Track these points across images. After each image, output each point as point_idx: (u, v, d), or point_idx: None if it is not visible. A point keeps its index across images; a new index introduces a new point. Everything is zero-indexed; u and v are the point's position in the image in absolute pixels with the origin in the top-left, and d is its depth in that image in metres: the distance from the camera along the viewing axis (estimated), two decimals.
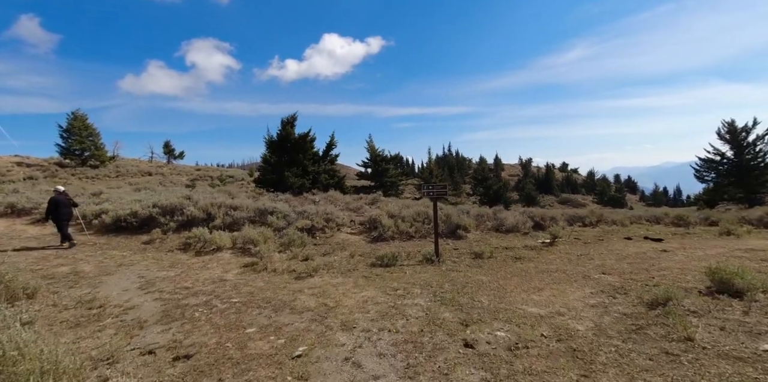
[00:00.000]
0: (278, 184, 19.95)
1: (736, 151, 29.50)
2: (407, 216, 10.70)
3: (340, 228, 10.36)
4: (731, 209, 26.80)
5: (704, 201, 34.75)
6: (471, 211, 13.13)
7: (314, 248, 8.40)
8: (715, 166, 30.76)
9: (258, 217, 9.87)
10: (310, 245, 8.75)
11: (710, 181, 32.03)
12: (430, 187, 7.35)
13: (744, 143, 29.05)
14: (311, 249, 8.21)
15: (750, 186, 28.46)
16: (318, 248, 8.49)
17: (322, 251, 8.06)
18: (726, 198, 32.05)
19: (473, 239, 10.25)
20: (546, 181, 57.65)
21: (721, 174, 30.44)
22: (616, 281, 5.88)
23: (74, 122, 28.12)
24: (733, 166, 29.87)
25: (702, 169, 31.53)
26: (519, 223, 11.66)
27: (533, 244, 9.44)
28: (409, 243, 9.52)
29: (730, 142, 29.68)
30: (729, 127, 29.72)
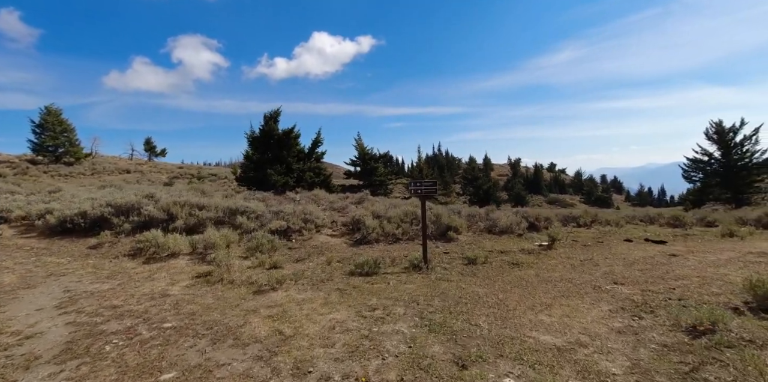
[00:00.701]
0: (261, 182, 18.77)
1: (723, 152, 29.18)
2: (394, 216, 9.68)
3: (319, 230, 9.29)
4: (718, 209, 26.46)
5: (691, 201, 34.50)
6: (462, 211, 12.17)
7: (288, 253, 7.33)
8: (702, 166, 30.43)
9: (228, 217, 8.75)
10: (284, 249, 7.67)
11: (697, 182, 31.71)
12: (417, 184, 6.34)
13: (731, 144, 28.75)
14: (283, 254, 7.13)
15: (737, 186, 28.14)
16: (292, 252, 7.42)
17: (296, 257, 6.98)
18: (712, 198, 31.81)
19: (465, 241, 9.28)
20: (535, 182, 57.25)
21: (708, 174, 30.13)
22: (634, 293, 4.95)
23: (47, 117, 26.42)
24: (720, 167, 29.58)
25: (690, 170, 31.20)
26: (513, 224, 10.73)
27: (530, 247, 8.51)
28: (395, 246, 8.50)
29: (717, 143, 29.35)
30: (717, 128, 29.39)
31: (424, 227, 6.43)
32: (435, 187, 6.34)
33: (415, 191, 6.35)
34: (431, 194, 6.37)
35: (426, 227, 6.54)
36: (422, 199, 6.41)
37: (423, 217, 6.44)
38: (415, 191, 6.35)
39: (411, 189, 6.37)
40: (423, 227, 6.42)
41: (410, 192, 6.37)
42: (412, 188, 6.36)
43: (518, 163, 64.42)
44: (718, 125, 29.37)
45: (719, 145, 29.35)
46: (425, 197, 6.51)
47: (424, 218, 6.46)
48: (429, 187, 6.33)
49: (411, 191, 6.37)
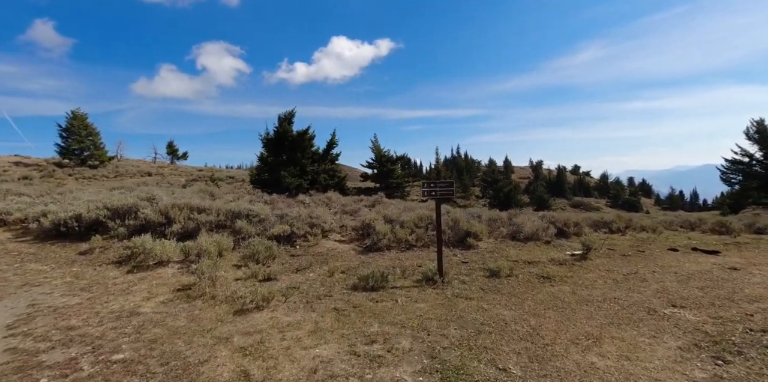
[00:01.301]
0: (274, 184, 18.25)
1: (765, 153, 26.91)
2: (407, 221, 8.81)
3: (327, 235, 8.51)
4: (760, 214, 24.27)
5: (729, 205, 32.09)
6: (482, 215, 11.17)
7: (288, 261, 6.56)
8: (742, 168, 28.16)
9: (230, 221, 8.09)
10: (284, 257, 6.92)
11: (737, 184, 29.37)
12: (431, 185, 5.46)
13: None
14: (283, 263, 6.37)
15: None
16: (293, 260, 6.65)
17: (296, 266, 6.20)
18: (752, 202, 29.42)
19: (486, 249, 8.31)
20: (558, 184, 55.04)
21: (749, 176, 27.82)
22: (703, 321, 3.91)
23: (74, 122, 26.90)
24: (762, 169, 27.27)
25: (728, 172, 28.94)
26: (539, 229, 9.65)
27: (561, 257, 7.46)
28: (408, 254, 7.62)
29: (759, 143, 27.09)
30: (758, 127, 27.14)
31: (439, 233, 5.53)
32: (452, 189, 5.45)
33: (429, 193, 5.47)
34: (448, 196, 5.48)
35: (441, 233, 5.65)
36: (438, 202, 5.52)
37: (438, 222, 5.55)
38: (429, 193, 5.47)
39: (425, 191, 5.49)
40: (438, 233, 5.53)
41: (424, 194, 5.50)
42: (426, 190, 5.48)
43: (540, 165, 62.23)
44: (759, 124, 27.11)
45: (761, 146, 27.09)
46: (441, 199, 5.63)
47: (439, 224, 5.56)
48: (445, 189, 5.44)
49: (425, 194, 5.50)
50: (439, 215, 5.53)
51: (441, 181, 5.43)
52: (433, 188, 5.44)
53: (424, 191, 5.48)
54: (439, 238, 5.49)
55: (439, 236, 5.51)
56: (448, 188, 5.44)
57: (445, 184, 5.45)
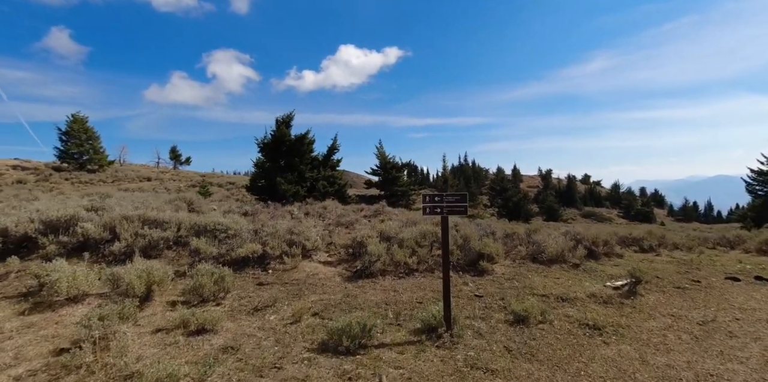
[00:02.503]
0: (271, 191, 16.80)
1: None
2: (408, 238, 7.18)
3: (310, 254, 6.92)
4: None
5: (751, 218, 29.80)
6: (496, 230, 9.47)
7: (250, 295, 4.98)
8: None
9: (193, 237, 6.56)
10: (249, 286, 5.34)
11: (763, 196, 27.15)
12: (436, 199, 3.86)
13: None
14: (241, 298, 4.79)
15: None
16: (256, 293, 5.06)
17: (255, 303, 4.61)
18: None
19: (503, 274, 6.63)
20: (568, 194, 52.83)
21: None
22: None
23: (73, 125, 25.94)
24: None
25: (755, 183, 26.75)
26: (564, 250, 7.95)
27: (601, 290, 5.75)
28: (406, 282, 5.99)
29: None
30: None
31: (446, 265, 3.89)
32: (464, 204, 3.84)
33: (432, 210, 3.86)
34: (458, 212, 3.87)
35: (448, 263, 4.01)
36: (444, 220, 3.91)
37: (445, 250, 3.92)
38: (432, 210, 3.86)
39: (427, 206, 3.88)
40: (445, 265, 3.89)
41: (425, 211, 3.89)
42: (428, 205, 3.88)
43: (549, 174, 60.03)
44: None
45: None
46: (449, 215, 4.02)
47: (446, 253, 3.92)
48: (455, 204, 3.83)
49: (426, 210, 3.89)
50: (447, 240, 3.90)
51: (449, 194, 3.82)
52: (437, 203, 3.83)
53: (426, 206, 3.87)
54: (446, 273, 3.84)
55: (446, 269, 3.87)
56: (459, 203, 3.83)
57: (455, 197, 3.84)
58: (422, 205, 3.86)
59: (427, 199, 3.86)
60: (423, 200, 3.85)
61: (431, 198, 3.86)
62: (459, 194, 3.83)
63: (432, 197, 3.86)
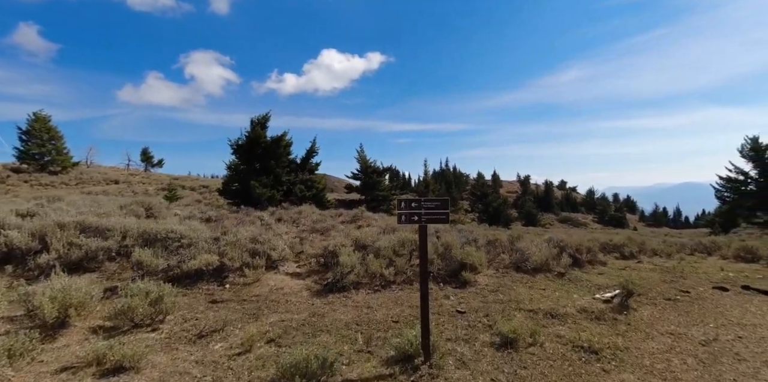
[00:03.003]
0: (245, 195, 15.90)
1: (761, 171, 25.60)
2: (385, 247, 6.57)
3: (277, 265, 6.21)
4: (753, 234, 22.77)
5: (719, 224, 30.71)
6: (478, 238, 8.98)
7: (197, 316, 4.24)
8: (737, 186, 26.76)
9: (144, 246, 5.76)
10: (199, 305, 4.60)
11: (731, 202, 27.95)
12: (414, 204, 3.27)
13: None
14: (184, 320, 4.05)
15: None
16: (205, 314, 4.33)
17: (201, 327, 3.88)
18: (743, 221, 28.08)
19: (487, 286, 6.11)
20: (545, 199, 53.52)
21: (744, 195, 26.39)
22: None
23: (35, 124, 24.21)
24: (757, 187, 25.90)
25: (723, 190, 27.51)
26: (548, 257, 7.53)
27: (592, 304, 5.29)
28: (382, 296, 5.37)
29: (754, 161, 25.80)
30: (753, 145, 25.87)
31: (425, 285, 3.30)
32: (446, 212, 3.27)
33: (408, 218, 3.27)
34: (439, 221, 3.29)
35: (427, 283, 3.42)
36: (423, 229, 3.32)
37: (423, 266, 3.32)
38: (408, 218, 3.27)
39: (402, 214, 3.29)
40: (423, 286, 3.29)
41: (400, 219, 3.30)
42: (404, 212, 3.28)
43: (528, 180, 60.81)
44: (754, 142, 25.87)
45: (756, 164, 25.80)
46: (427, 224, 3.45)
47: (424, 269, 3.33)
48: (435, 212, 3.26)
49: (402, 218, 3.29)
50: (425, 255, 3.31)
51: (429, 200, 3.24)
52: (414, 210, 3.24)
53: (402, 213, 3.27)
54: (425, 295, 3.24)
55: (425, 291, 3.27)
56: (440, 210, 3.25)
57: (435, 203, 3.26)
58: (397, 212, 3.26)
59: (402, 205, 3.27)
60: (398, 205, 3.25)
61: (408, 204, 3.27)
62: (439, 200, 3.25)
63: (408, 202, 3.27)
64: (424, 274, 3.29)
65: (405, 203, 3.25)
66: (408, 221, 3.26)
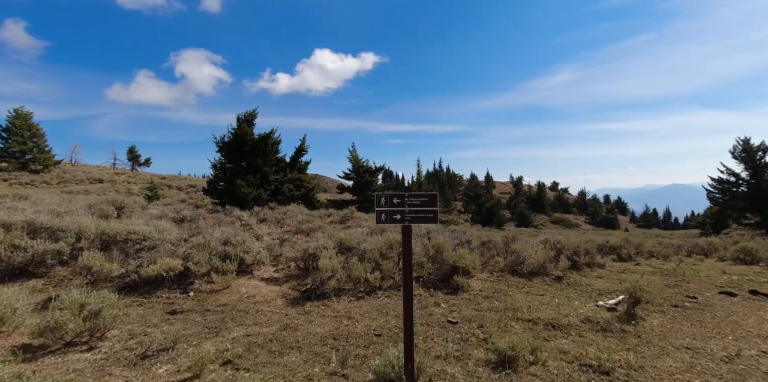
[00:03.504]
0: (231, 194, 15.24)
1: (752, 172, 25.53)
2: (371, 249, 6.02)
3: (251, 270, 5.63)
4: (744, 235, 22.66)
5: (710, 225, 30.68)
6: (471, 239, 8.47)
7: (147, 331, 3.66)
8: (728, 187, 26.66)
9: (103, 249, 5.15)
10: (155, 316, 4.01)
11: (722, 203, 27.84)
12: (396, 201, 2.73)
13: (761, 163, 25.10)
14: (130, 336, 3.47)
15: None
16: (158, 328, 3.74)
17: (147, 346, 3.30)
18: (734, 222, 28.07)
19: (481, 291, 5.59)
20: (538, 200, 53.37)
21: (736, 196, 26.30)
22: None
23: (15, 121, 23.26)
24: (749, 188, 25.82)
25: (715, 191, 27.39)
26: (545, 260, 7.05)
27: (595, 312, 4.80)
28: (365, 304, 4.82)
29: (745, 162, 25.72)
30: (744, 146, 25.79)
31: (409, 301, 2.75)
32: (434, 209, 2.73)
33: (389, 216, 2.73)
34: (426, 220, 2.75)
35: (411, 293, 2.89)
36: (406, 230, 2.78)
37: (407, 274, 2.78)
38: (389, 216, 2.73)
39: (382, 212, 2.75)
40: (407, 301, 2.75)
41: (380, 219, 2.75)
42: (383, 210, 2.74)
43: (521, 181, 60.65)
44: (745, 143, 25.79)
45: (747, 165, 25.73)
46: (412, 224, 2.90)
47: (408, 279, 2.79)
48: (421, 209, 2.72)
49: (381, 217, 2.75)
50: (409, 261, 2.77)
51: (414, 195, 2.70)
52: (397, 208, 2.70)
53: (382, 211, 2.73)
54: (408, 311, 2.70)
55: (409, 307, 2.72)
56: (427, 208, 2.72)
57: (421, 199, 2.73)
58: (376, 209, 2.72)
59: (383, 201, 2.73)
60: (377, 202, 2.71)
61: (389, 200, 2.73)
62: (427, 195, 2.72)
63: (390, 198, 2.73)
64: (408, 286, 2.74)
65: (386, 199, 2.70)
66: (389, 220, 2.72)
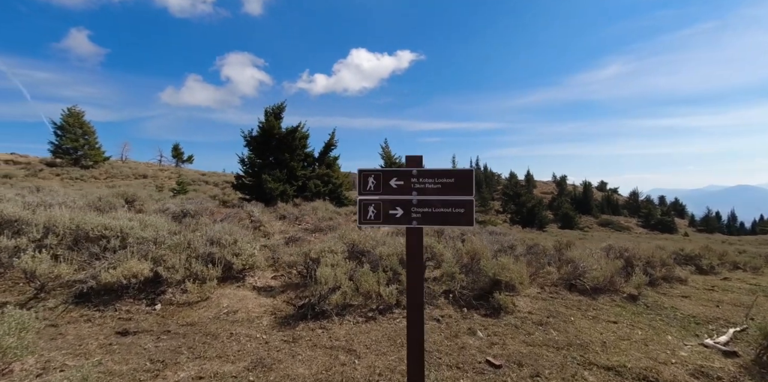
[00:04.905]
0: (258, 190, 14.65)
1: None
2: (388, 254, 4.78)
3: (243, 276, 4.59)
4: None
5: None
6: (515, 243, 6.97)
7: (78, 359, 2.69)
8: None
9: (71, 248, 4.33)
10: (95, 341, 3.05)
11: None
12: (398, 183, 1.47)
13: None
14: (45, 370, 2.49)
15: None
16: (86, 360, 2.75)
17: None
18: None
19: (530, 314, 4.19)
20: (584, 201, 49.33)
21: None
22: None
23: (68, 119, 24.43)
24: None
25: None
26: (613, 273, 5.44)
27: (705, 356, 3.25)
28: (375, 329, 3.61)
29: None
30: None
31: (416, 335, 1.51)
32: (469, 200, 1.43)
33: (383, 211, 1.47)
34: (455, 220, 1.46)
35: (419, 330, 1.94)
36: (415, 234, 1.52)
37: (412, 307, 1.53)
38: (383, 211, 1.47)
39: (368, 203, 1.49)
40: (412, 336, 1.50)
41: (364, 214, 1.49)
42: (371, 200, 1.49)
43: (564, 180, 56.48)
44: None
45: None
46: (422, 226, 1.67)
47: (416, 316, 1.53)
48: (446, 200, 1.42)
49: (369, 211, 1.49)
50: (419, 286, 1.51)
51: (433, 172, 1.40)
52: (396, 196, 1.42)
53: (368, 202, 1.47)
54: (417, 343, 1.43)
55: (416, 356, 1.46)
56: (457, 198, 1.42)
57: (447, 180, 1.43)
58: (358, 199, 1.47)
59: (371, 182, 1.47)
60: (360, 184, 1.45)
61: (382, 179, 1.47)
62: (456, 172, 1.42)
63: (386, 177, 1.47)
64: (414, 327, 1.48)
65: (375, 180, 1.45)
66: (384, 219, 1.46)
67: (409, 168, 1.41)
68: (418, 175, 1.42)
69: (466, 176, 1.41)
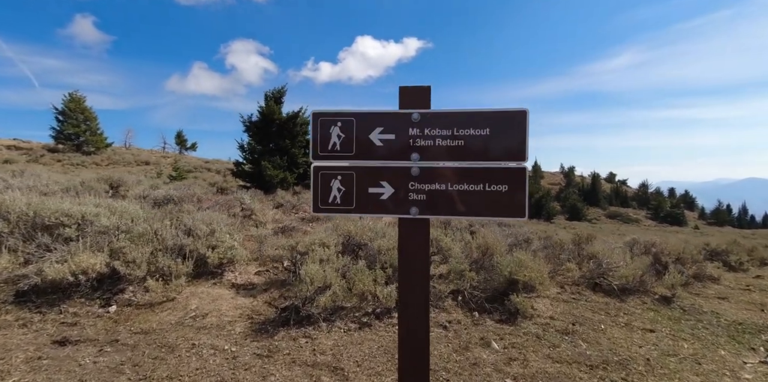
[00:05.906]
0: (258, 177, 14.08)
1: None
2: (387, 248, 4.12)
3: (222, 272, 3.99)
4: None
5: None
6: (531, 237, 6.28)
7: None
8: None
9: (26, 239, 3.73)
10: (23, 353, 2.47)
11: None
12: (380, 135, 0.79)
13: None
14: None
15: None
16: (23, 374, 2.17)
17: None
18: None
19: (552, 319, 3.53)
20: (592, 193, 48.17)
21: None
22: None
23: (70, 104, 23.89)
24: None
25: None
26: (643, 271, 4.74)
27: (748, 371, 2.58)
28: (368, 338, 2.98)
29: None
30: None
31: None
32: (522, 168, 0.74)
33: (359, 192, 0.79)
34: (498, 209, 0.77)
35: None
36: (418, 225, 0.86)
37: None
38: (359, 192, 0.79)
39: (331, 176, 0.81)
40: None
41: (320, 198, 0.81)
42: (325, 170, 0.81)
43: (572, 171, 55.15)
44: None
45: None
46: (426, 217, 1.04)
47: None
48: (473, 167, 0.73)
49: (333, 191, 0.80)
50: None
51: (446, 113, 0.70)
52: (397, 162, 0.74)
53: (327, 167, 0.78)
54: None
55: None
56: (493, 165, 0.73)
57: (476, 131, 0.73)
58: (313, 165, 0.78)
59: (335, 138, 0.79)
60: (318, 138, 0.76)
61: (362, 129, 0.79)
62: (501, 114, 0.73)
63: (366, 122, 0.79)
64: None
65: (344, 132, 0.76)
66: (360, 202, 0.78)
67: (407, 110, 0.73)
68: (423, 122, 0.74)
69: (513, 124, 0.73)
